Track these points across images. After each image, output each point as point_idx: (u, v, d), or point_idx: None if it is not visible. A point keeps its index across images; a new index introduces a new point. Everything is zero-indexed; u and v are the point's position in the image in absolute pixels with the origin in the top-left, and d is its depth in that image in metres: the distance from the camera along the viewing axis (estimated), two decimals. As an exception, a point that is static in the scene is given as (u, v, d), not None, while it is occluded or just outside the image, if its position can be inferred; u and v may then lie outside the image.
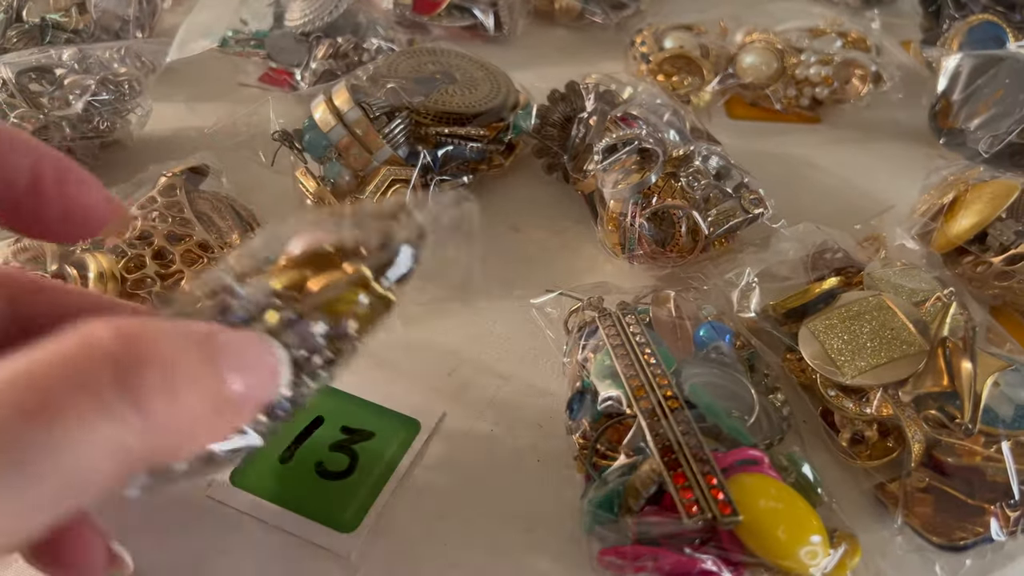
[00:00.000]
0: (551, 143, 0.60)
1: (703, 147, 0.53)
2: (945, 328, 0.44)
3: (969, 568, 0.39)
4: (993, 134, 0.56)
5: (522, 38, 0.78)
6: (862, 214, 0.54)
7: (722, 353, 0.45)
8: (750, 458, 0.39)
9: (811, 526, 0.37)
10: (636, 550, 0.36)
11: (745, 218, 0.51)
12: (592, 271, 0.55)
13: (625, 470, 0.39)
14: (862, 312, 0.45)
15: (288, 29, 0.69)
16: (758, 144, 0.63)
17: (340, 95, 0.56)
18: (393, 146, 0.55)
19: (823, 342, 0.45)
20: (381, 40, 0.69)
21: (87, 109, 0.55)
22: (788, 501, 0.38)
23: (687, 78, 0.68)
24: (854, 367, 0.43)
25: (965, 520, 0.40)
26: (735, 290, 0.49)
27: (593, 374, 0.43)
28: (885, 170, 0.63)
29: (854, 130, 0.67)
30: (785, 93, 0.66)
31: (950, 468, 0.41)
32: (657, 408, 0.40)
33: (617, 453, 0.41)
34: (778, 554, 0.36)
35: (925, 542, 0.40)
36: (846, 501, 0.41)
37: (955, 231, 0.49)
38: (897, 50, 0.69)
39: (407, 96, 0.58)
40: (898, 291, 0.46)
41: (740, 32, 0.69)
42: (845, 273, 0.49)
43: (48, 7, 0.65)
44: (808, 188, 0.61)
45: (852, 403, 0.43)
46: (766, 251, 0.51)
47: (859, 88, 0.66)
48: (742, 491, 0.37)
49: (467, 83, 0.62)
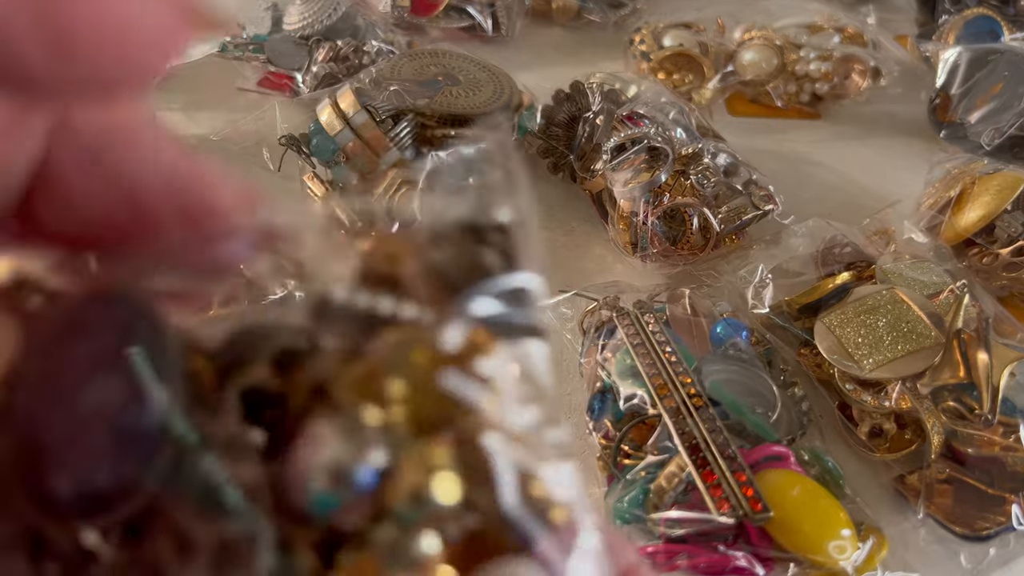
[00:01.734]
0: (557, 143, 0.60)
1: (711, 144, 0.53)
2: (959, 320, 0.44)
3: (993, 557, 0.40)
4: (994, 128, 0.56)
5: (520, 38, 0.78)
6: (866, 209, 0.55)
7: (740, 350, 0.45)
8: (776, 454, 0.39)
9: (839, 520, 0.38)
10: (669, 548, 0.36)
11: (756, 214, 0.51)
12: (602, 271, 0.55)
13: (651, 469, 0.39)
14: (876, 306, 0.46)
15: (287, 33, 0.68)
16: (760, 141, 0.64)
17: (345, 98, 0.56)
18: (400, 149, 0.55)
19: (839, 336, 0.45)
20: (380, 43, 0.69)
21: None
22: (815, 496, 0.38)
23: (687, 76, 0.68)
24: (872, 361, 0.44)
25: (987, 510, 0.41)
26: (748, 286, 0.49)
27: (615, 373, 0.43)
28: (887, 164, 0.64)
29: (854, 125, 0.68)
30: (785, 89, 0.67)
31: (970, 459, 0.42)
32: (682, 406, 0.40)
33: (640, 452, 0.41)
34: (808, 548, 0.37)
35: (948, 533, 0.41)
36: (866, 494, 0.42)
37: (963, 224, 0.50)
38: (894, 45, 0.70)
39: (411, 98, 0.57)
40: (911, 284, 0.47)
41: (738, 29, 0.70)
42: (856, 267, 0.49)
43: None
44: (811, 184, 0.62)
45: (870, 396, 0.44)
46: (776, 247, 0.51)
47: (858, 83, 0.66)
48: (770, 487, 0.37)
49: (470, 84, 0.62)
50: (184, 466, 0.14)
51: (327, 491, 0.14)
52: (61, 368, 0.14)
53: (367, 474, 0.14)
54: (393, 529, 0.14)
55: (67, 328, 0.14)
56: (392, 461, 0.14)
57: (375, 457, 0.14)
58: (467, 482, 0.15)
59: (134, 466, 0.14)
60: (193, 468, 0.14)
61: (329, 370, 0.15)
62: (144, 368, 0.14)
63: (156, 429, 0.14)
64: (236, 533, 0.14)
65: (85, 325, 0.14)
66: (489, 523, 0.15)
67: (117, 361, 0.14)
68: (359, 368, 0.15)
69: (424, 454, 0.15)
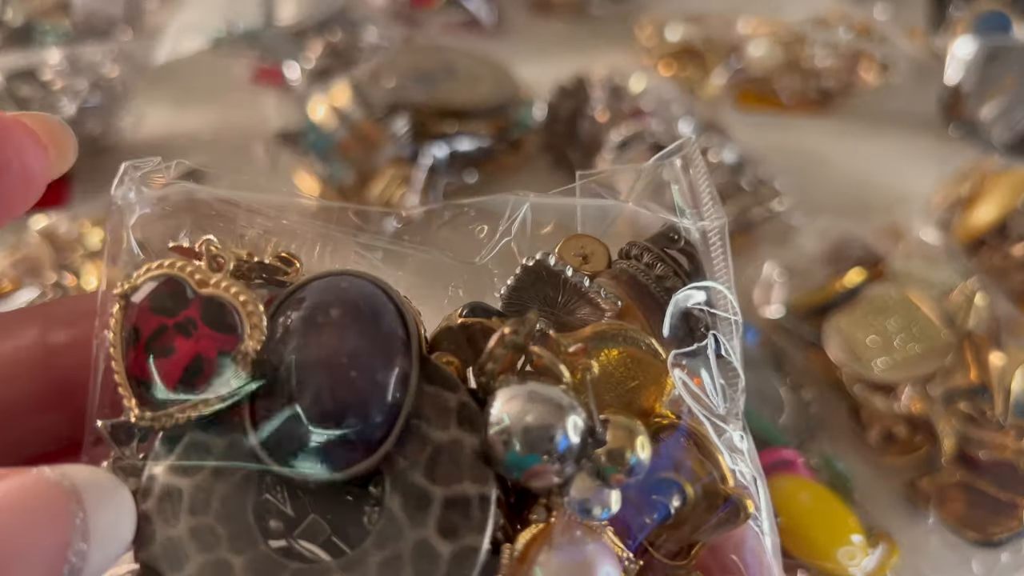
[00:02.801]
0: (558, 139, 0.59)
1: (717, 141, 0.52)
2: (971, 320, 0.43)
3: (1005, 563, 0.39)
4: (1007, 124, 0.55)
5: (521, 31, 0.77)
6: (876, 206, 0.54)
7: (747, 351, 0.44)
8: (784, 459, 0.38)
9: (849, 526, 0.37)
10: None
11: (763, 212, 0.50)
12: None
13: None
14: (886, 307, 0.45)
15: (281, 27, 0.67)
16: (767, 136, 0.62)
17: (341, 93, 0.55)
18: (397, 145, 0.54)
19: (848, 338, 0.44)
20: (377, 36, 0.67)
21: (80, 113, 0.53)
22: (824, 501, 0.38)
23: (692, 70, 0.67)
24: (882, 362, 0.43)
25: (999, 515, 0.40)
26: (755, 286, 0.48)
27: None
28: (896, 161, 0.63)
29: (863, 121, 0.67)
30: (794, 84, 0.66)
31: (982, 463, 0.41)
32: (687, 410, 0.39)
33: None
34: (817, 555, 0.36)
35: (959, 538, 0.40)
36: (877, 499, 0.41)
37: (976, 222, 0.49)
38: (903, 40, 0.68)
39: (409, 93, 0.56)
40: (921, 284, 0.46)
41: (744, 22, 0.68)
42: (866, 266, 0.48)
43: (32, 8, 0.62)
44: (820, 180, 0.60)
45: (880, 399, 0.43)
46: (784, 246, 0.50)
47: (868, 78, 0.65)
48: (778, 493, 0.36)
49: (469, 79, 0.60)
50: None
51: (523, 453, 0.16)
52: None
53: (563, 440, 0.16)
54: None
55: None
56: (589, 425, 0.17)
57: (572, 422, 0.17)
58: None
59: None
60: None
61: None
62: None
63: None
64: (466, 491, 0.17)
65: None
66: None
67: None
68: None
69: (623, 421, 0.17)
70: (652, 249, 0.20)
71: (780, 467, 0.38)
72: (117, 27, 0.66)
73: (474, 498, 0.17)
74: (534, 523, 0.17)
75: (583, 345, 0.19)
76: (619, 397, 0.19)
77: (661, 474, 0.18)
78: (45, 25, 0.62)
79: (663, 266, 0.20)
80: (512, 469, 0.17)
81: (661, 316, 0.19)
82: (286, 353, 0.17)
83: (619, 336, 0.19)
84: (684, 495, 0.19)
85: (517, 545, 0.17)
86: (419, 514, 0.17)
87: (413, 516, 0.17)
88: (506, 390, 0.17)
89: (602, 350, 0.19)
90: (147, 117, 0.60)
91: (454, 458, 0.17)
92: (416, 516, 0.17)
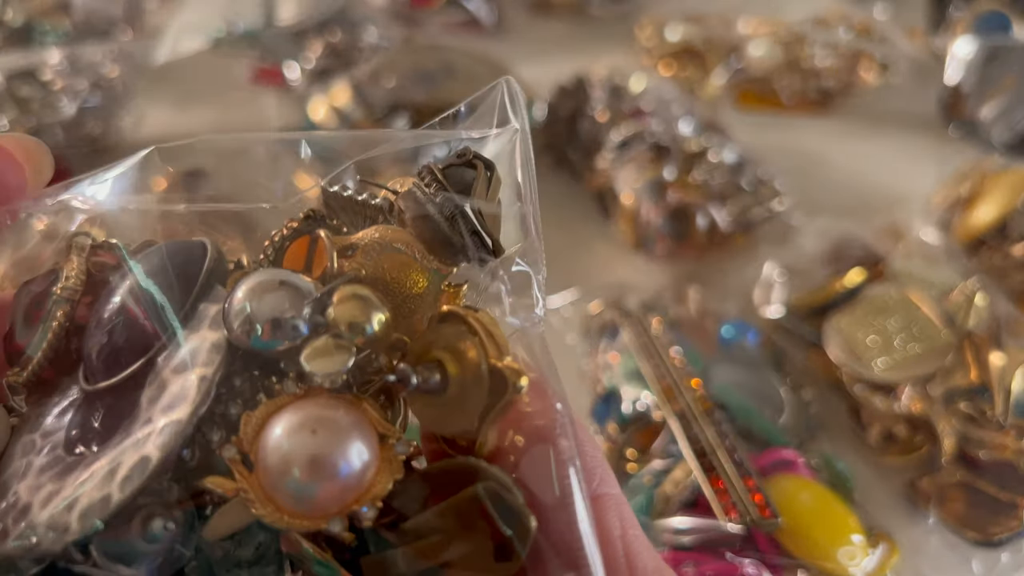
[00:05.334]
0: (558, 138, 0.59)
1: (717, 141, 0.52)
2: (971, 320, 0.43)
3: (1006, 563, 0.39)
4: (1007, 124, 0.55)
5: (521, 31, 0.77)
6: (876, 206, 0.54)
7: (747, 351, 0.44)
8: (784, 459, 0.38)
9: (849, 526, 0.37)
10: (675, 556, 0.35)
11: (763, 212, 0.50)
12: (606, 269, 0.54)
13: (657, 475, 0.38)
14: (886, 307, 0.45)
15: (281, 27, 0.67)
16: (768, 136, 0.62)
17: (341, 94, 0.55)
18: (398, 145, 0.54)
19: (848, 338, 0.44)
20: (376, 36, 0.67)
21: (80, 113, 0.53)
22: (825, 501, 0.37)
23: (692, 70, 0.67)
24: (882, 362, 0.43)
25: (999, 515, 0.40)
26: (755, 286, 0.48)
27: (619, 377, 0.42)
28: (896, 160, 0.63)
29: (863, 121, 0.67)
30: (794, 84, 0.66)
31: (982, 463, 0.41)
32: (688, 410, 0.39)
33: (646, 457, 0.40)
34: (817, 555, 0.36)
35: (959, 538, 0.40)
36: (877, 499, 0.41)
37: (976, 222, 0.49)
38: (903, 40, 0.68)
39: (409, 93, 0.56)
40: (921, 284, 0.46)
41: (744, 22, 0.68)
42: (866, 266, 0.48)
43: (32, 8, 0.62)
44: (820, 180, 0.60)
45: (881, 399, 0.43)
46: (784, 246, 0.50)
47: (868, 78, 0.65)
48: (778, 493, 0.36)
49: (469, 78, 0.60)
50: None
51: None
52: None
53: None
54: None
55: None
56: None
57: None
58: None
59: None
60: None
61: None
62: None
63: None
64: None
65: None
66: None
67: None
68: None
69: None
70: (433, 169, 0.22)
71: (780, 467, 0.38)
72: (117, 27, 0.66)
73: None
74: (279, 394, 0.19)
75: (356, 251, 0.21)
76: (403, 302, 0.20)
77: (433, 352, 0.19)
78: (45, 25, 0.62)
79: (433, 181, 0.21)
80: (259, 350, 0.19)
81: (435, 227, 0.21)
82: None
83: (388, 244, 0.21)
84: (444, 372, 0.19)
85: (256, 412, 0.18)
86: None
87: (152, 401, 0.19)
88: (245, 280, 0.19)
89: (379, 255, 0.21)
90: (147, 117, 0.60)
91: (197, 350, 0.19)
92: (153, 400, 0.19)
